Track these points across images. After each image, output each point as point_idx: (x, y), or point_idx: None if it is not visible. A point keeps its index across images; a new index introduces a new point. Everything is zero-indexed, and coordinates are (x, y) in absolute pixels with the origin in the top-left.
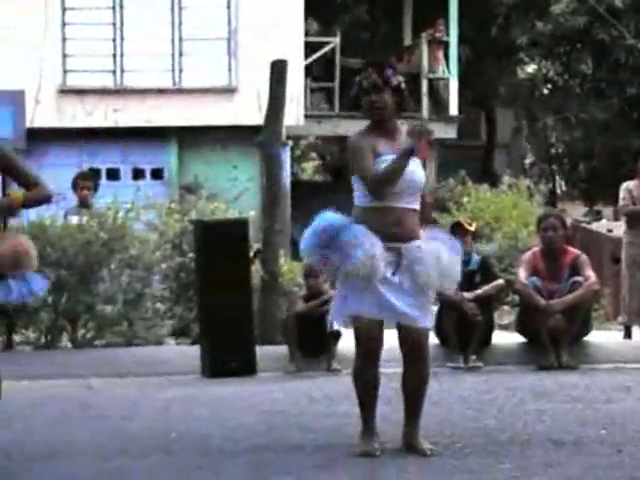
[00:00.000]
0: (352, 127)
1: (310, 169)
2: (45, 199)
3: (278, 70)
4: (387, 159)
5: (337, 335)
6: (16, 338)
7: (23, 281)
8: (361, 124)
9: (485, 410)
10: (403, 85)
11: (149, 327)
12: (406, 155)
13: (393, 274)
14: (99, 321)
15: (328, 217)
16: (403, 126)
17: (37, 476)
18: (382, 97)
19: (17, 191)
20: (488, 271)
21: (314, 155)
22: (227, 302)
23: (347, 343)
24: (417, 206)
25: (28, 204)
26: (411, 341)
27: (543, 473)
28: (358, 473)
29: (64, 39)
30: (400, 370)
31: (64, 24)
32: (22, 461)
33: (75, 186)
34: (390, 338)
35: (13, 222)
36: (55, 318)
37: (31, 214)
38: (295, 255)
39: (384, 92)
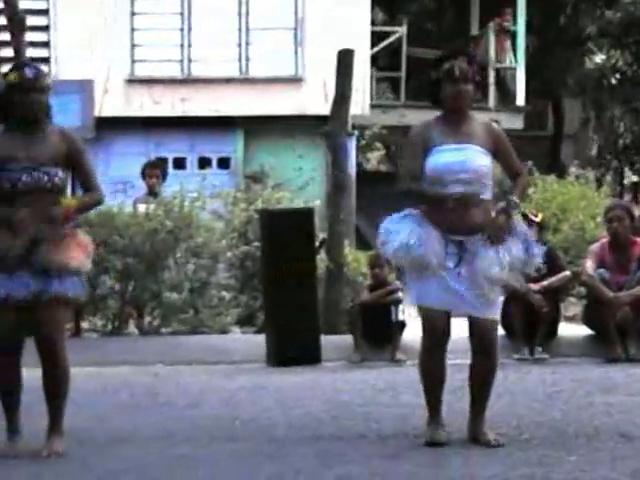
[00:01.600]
0: (417, 117)
1: (374, 159)
2: (97, 204)
3: (345, 60)
4: (447, 148)
5: (402, 325)
6: (84, 325)
7: (78, 280)
8: (427, 114)
9: (551, 402)
10: (478, 77)
11: (215, 315)
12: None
13: (456, 266)
14: (165, 309)
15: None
16: (475, 116)
17: (107, 462)
18: (468, 87)
19: (69, 199)
20: (554, 262)
21: (379, 145)
22: (292, 291)
23: (412, 333)
24: (485, 195)
25: (81, 211)
26: (479, 333)
27: (610, 466)
28: (423, 463)
29: (133, 29)
30: (467, 361)
31: (133, 14)
32: (92, 447)
33: (143, 175)
34: (457, 329)
35: None
36: (122, 305)
37: None
38: (360, 245)
39: (470, 83)
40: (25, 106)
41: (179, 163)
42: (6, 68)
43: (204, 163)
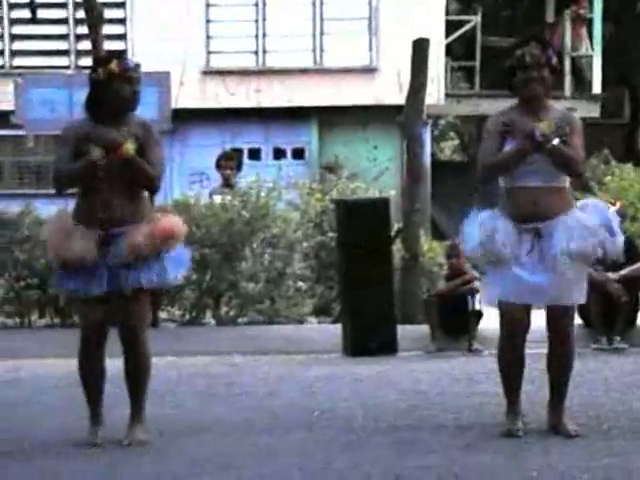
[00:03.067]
0: (492, 106)
1: (448, 149)
2: (150, 181)
3: (420, 49)
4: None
5: (479, 315)
6: (161, 315)
7: (160, 268)
8: (501, 103)
9: (631, 392)
10: (557, 65)
11: (291, 305)
12: (524, 149)
13: (529, 254)
14: (242, 299)
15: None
16: (552, 104)
17: (188, 451)
18: (542, 74)
19: (132, 145)
20: (633, 251)
21: (452, 135)
22: (368, 282)
23: (488, 323)
24: (559, 183)
25: (133, 167)
26: (555, 320)
27: None
28: (502, 453)
29: (208, 21)
30: (545, 351)
31: (208, 5)
32: (172, 436)
33: (219, 166)
34: (535, 317)
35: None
36: (199, 296)
37: (175, 193)
38: (434, 234)
39: (544, 69)
40: (124, 95)
41: (254, 154)
42: (84, 61)
43: (279, 154)
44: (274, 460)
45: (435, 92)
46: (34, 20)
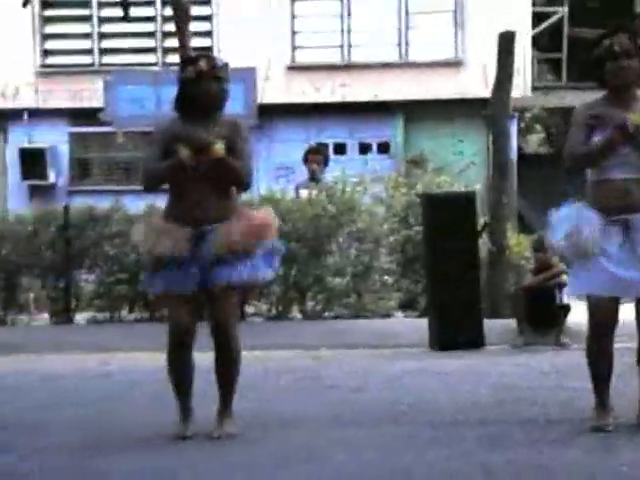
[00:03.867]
0: (579, 98)
1: (534, 142)
2: (240, 178)
3: (506, 42)
4: None
5: (567, 309)
6: (248, 309)
7: (251, 265)
8: (589, 95)
9: None
10: None
11: (377, 299)
12: (615, 140)
13: (620, 246)
14: (328, 293)
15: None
16: None
17: (276, 444)
18: (632, 63)
19: (222, 146)
20: None
21: (539, 127)
22: (455, 275)
23: (576, 317)
24: None
25: (223, 166)
26: None
27: None
28: (590, 448)
29: (293, 16)
30: (633, 345)
31: (293, 1)
32: (260, 429)
33: (305, 160)
34: (623, 311)
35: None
36: (285, 290)
37: (262, 188)
38: (521, 228)
39: (634, 59)
40: (212, 94)
41: (339, 148)
42: (171, 58)
43: (364, 148)
44: (361, 454)
45: (521, 85)
46: (126, 18)
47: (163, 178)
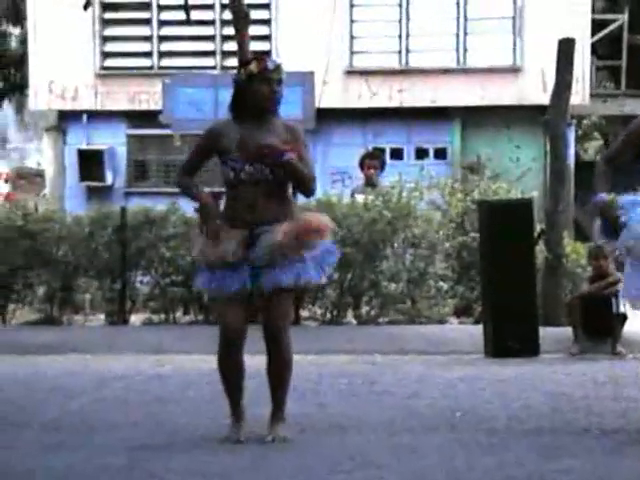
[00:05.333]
0: (638, 106)
1: (592, 149)
2: (308, 185)
3: (565, 49)
4: None
5: (623, 318)
6: (303, 313)
7: (303, 268)
8: None
9: None
10: None
11: (432, 305)
12: None
13: None
14: (383, 298)
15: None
16: None
17: (329, 448)
18: None
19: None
20: None
21: (596, 135)
22: (511, 283)
23: (633, 326)
24: None
25: (296, 170)
26: None
27: None
28: None
29: (352, 21)
30: None
31: (352, 6)
32: (314, 433)
33: (362, 165)
34: None
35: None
36: (340, 294)
37: (318, 192)
38: (577, 236)
39: None
40: (262, 95)
41: (396, 153)
42: (230, 62)
43: (421, 153)
44: (415, 460)
45: (580, 92)
46: (188, 22)
47: (188, 196)
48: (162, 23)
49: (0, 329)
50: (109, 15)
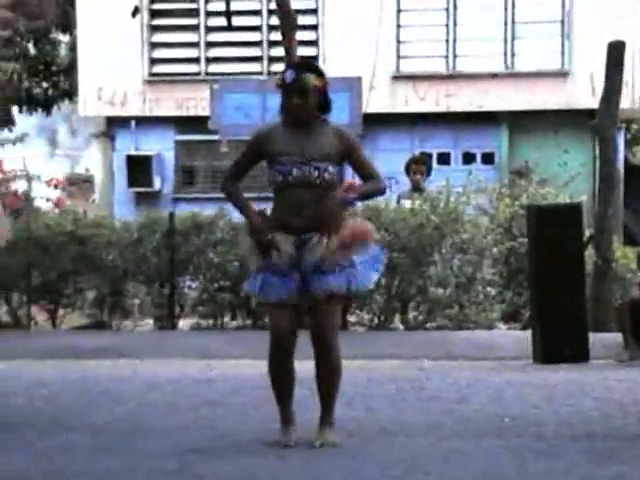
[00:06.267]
0: None
1: None
2: (379, 192)
3: (616, 52)
4: None
5: None
6: (350, 319)
7: (352, 273)
8: None
9: None
10: None
11: (480, 311)
12: None
13: None
14: (431, 304)
15: None
16: None
17: (378, 453)
18: None
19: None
20: None
21: None
22: (560, 288)
23: None
24: None
25: (363, 198)
26: None
27: None
28: None
29: (399, 26)
30: None
31: (399, 11)
32: (362, 438)
33: (408, 170)
34: None
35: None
36: (388, 300)
37: None
38: (627, 241)
39: None
40: (287, 107)
41: (443, 158)
42: (277, 67)
43: (468, 158)
44: (464, 465)
45: (629, 96)
46: (230, 28)
47: (234, 206)
48: (209, 29)
49: (50, 333)
50: (157, 22)
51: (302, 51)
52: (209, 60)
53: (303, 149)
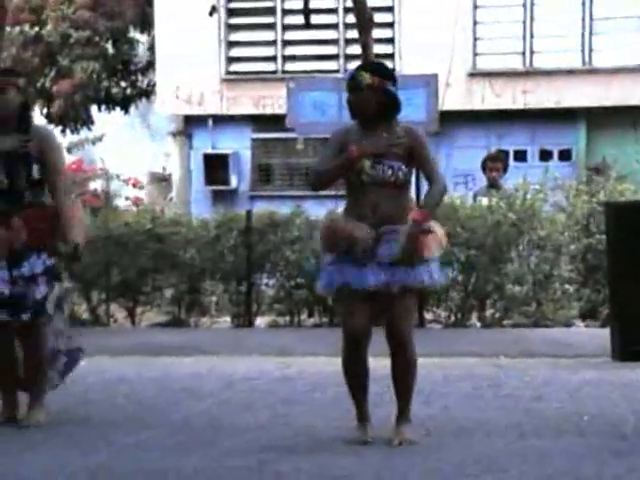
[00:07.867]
0: None
1: None
2: (441, 195)
3: None
4: None
5: None
6: (427, 316)
7: (428, 268)
8: None
9: None
10: None
11: (557, 308)
12: None
13: None
14: (508, 301)
15: None
16: None
17: (455, 452)
18: None
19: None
20: None
21: None
22: (638, 285)
23: None
24: None
25: (433, 208)
26: None
27: None
28: None
29: (475, 22)
30: None
31: (475, 7)
32: (439, 436)
33: (484, 167)
34: None
35: None
36: (465, 297)
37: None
38: None
39: None
40: (352, 104)
41: (520, 155)
42: (353, 65)
43: (545, 155)
44: (543, 465)
45: None
46: (308, 26)
47: (331, 177)
48: (286, 27)
49: (129, 331)
50: (234, 20)
51: (378, 49)
52: (286, 58)
53: (376, 148)
